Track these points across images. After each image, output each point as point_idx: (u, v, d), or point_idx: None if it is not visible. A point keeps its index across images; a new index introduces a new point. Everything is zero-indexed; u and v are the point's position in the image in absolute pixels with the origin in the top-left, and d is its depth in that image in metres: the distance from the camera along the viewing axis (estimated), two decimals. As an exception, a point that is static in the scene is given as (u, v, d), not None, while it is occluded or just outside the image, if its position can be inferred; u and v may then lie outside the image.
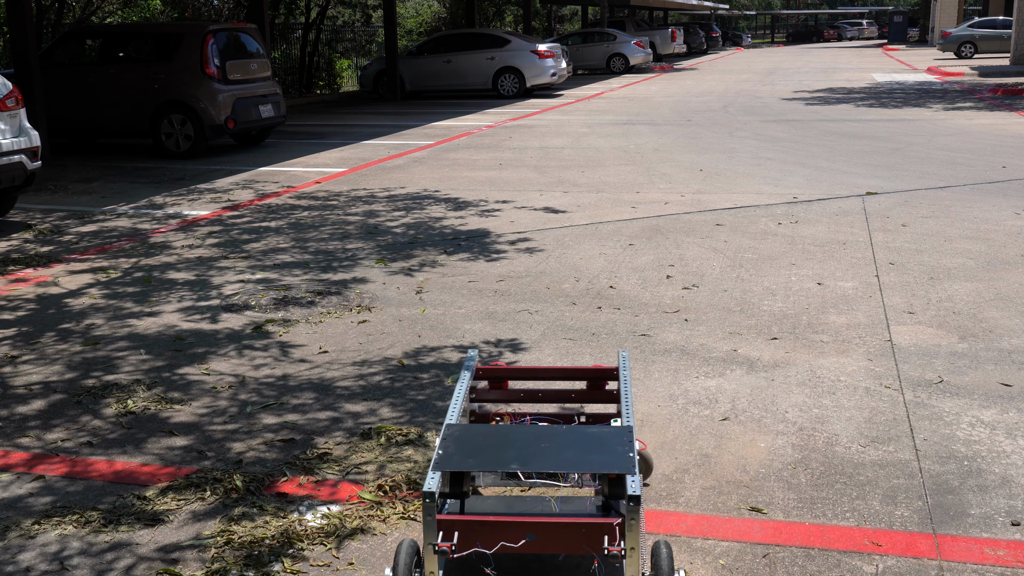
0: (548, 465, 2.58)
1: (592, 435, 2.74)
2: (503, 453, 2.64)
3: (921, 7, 57.53)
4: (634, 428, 2.83)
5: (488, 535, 2.49)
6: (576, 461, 2.60)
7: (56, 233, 7.86)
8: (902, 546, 2.94)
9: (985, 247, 6.61)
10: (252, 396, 4.25)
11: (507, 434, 2.76)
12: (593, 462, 2.59)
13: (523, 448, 2.67)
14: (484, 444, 2.70)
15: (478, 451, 2.66)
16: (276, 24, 24.94)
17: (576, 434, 2.75)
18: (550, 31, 44.26)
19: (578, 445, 2.68)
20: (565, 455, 2.63)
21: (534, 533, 2.49)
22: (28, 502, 3.34)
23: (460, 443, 2.70)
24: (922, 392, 4.13)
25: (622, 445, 2.68)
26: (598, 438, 2.73)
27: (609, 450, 2.65)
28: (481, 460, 2.61)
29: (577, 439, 2.72)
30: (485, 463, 2.60)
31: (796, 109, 17.08)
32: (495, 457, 2.63)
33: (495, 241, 7.16)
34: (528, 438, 2.73)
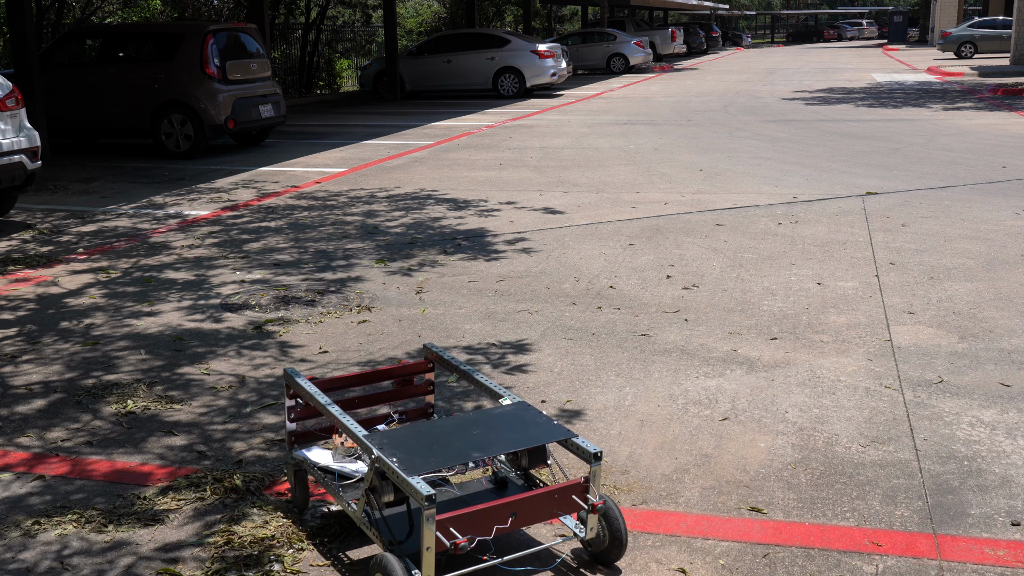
0: (501, 447, 2.71)
1: (506, 415, 2.90)
2: (452, 447, 2.71)
3: (921, 7, 57.53)
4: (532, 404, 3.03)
5: (481, 523, 2.59)
6: (521, 438, 2.76)
7: (56, 233, 7.86)
8: (902, 546, 2.94)
9: (985, 247, 6.61)
10: (252, 396, 4.25)
11: (432, 430, 2.82)
12: (535, 435, 2.77)
13: (465, 439, 2.75)
14: (424, 443, 2.74)
15: (426, 449, 2.70)
16: (276, 24, 24.94)
17: (492, 418, 2.88)
18: (550, 31, 44.26)
19: (505, 426, 2.83)
20: (506, 436, 2.77)
21: (516, 511, 2.62)
22: (29, 501, 3.34)
23: (402, 447, 2.71)
24: (922, 392, 4.13)
25: (538, 417, 2.87)
26: (513, 417, 2.88)
27: (533, 424, 2.83)
28: (442, 457, 2.65)
29: (499, 422, 2.86)
30: (448, 458, 2.65)
31: (796, 109, 17.08)
32: (450, 452, 2.68)
33: (495, 241, 7.16)
34: (458, 429, 2.82)
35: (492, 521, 2.59)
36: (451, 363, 3.36)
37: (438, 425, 2.86)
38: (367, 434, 2.79)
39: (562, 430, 2.80)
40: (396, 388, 3.41)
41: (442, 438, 2.77)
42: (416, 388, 3.44)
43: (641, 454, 3.60)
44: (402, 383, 3.42)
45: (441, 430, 2.82)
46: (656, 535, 3.04)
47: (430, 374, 3.45)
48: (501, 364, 4.56)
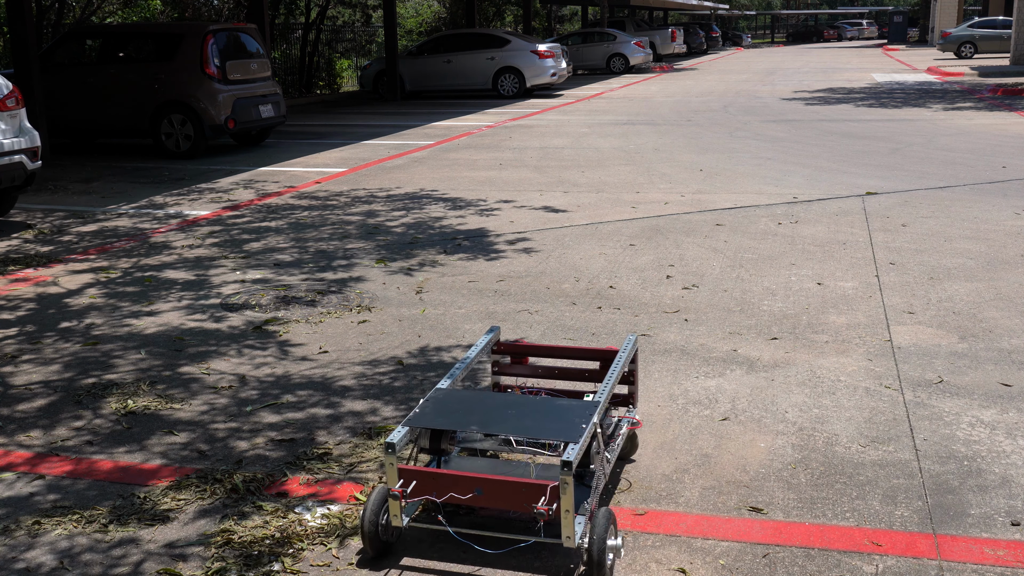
0: (503, 429, 2.81)
1: (558, 407, 2.96)
2: (469, 416, 2.88)
3: (921, 7, 57.53)
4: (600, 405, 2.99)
5: (442, 486, 2.76)
6: (532, 428, 2.82)
7: (56, 233, 7.86)
8: (902, 546, 2.94)
9: (985, 247, 6.61)
10: (252, 395, 4.25)
11: (483, 400, 3.01)
12: (547, 429, 2.81)
13: (490, 413, 2.91)
14: (458, 407, 2.95)
15: (449, 413, 2.91)
16: (276, 24, 24.95)
17: (545, 405, 2.97)
18: (550, 31, 44.27)
19: (541, 414, 2.90)
20: (524, 422, 2.85)
21: (482, 488, 2.73)
22: (31, 501, 3.34)
23: (438, 405, 2.98)
24: (922, 392, 4.13)
25: (580, 417, 2.87)
26: (563, 409, 2.94)
27: (567, 421, 2.85)
28: (446, 420, 2.87)
29: (543, 409, 2.94)
30: (449, 423, 2.85)
31: (796, 109, 17.09)
32: (460, 420, 2.87)
33: (495, 241, 7.16)
34: (499, 405, 2.97)
35: (452, 488, 2.75)
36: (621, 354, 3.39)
37: (493, 398, 3.04)
38: (439, 387, 3.13)
39: (571, 433, 2.79)
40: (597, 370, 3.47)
41: (479, 408, 2.95)
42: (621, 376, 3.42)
43: (641, 454, 3.60)
44: (604, 366, 3.48)
45: (488, 402, 2.99)
46: (656, 535, 3.04)
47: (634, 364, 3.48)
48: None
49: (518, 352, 3.57)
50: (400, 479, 2.79)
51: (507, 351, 3.57)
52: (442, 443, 3.04)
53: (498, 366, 3.60)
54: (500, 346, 3.58)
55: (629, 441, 3.49)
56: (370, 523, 2.84)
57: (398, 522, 2.82)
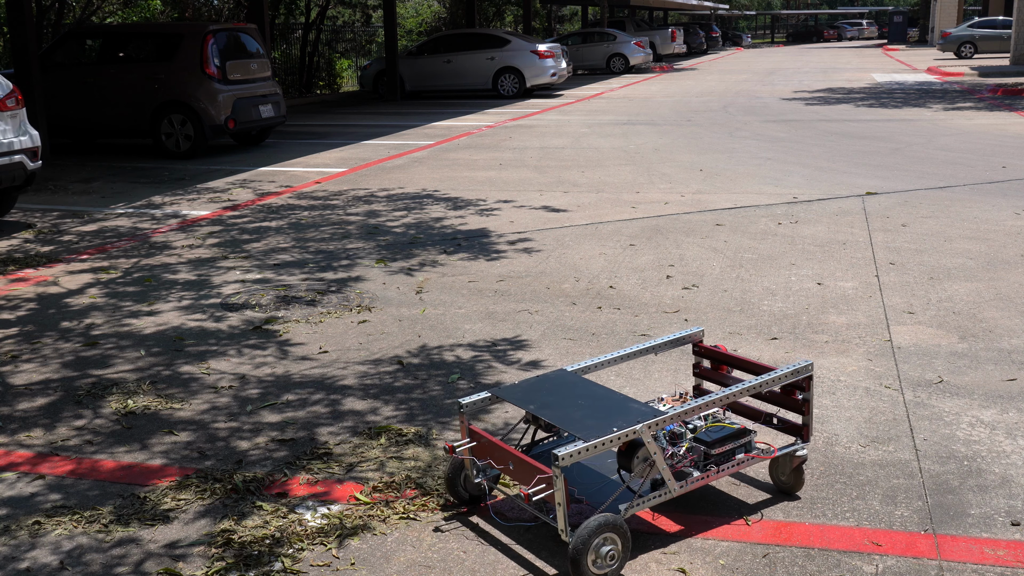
0: (552, 417, 2.95)
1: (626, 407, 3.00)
2: (544, 398, 3.08)
3: (921, 7, 57.52)
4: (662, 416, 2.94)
5: (487, 453, 3.04)
6: (574, 421, 2.92)
7: (56, 233, 7.86)
8: (902, 546, 2.94)
9: (985, 247, 6.61)
10: (253, 395, 4.25)
11: (574, 387, 3.15)
12: (589, 427, 2.88)
13: (563, 399, 3.07)
14: (549, 389, 3.16)
15: (535, 392, 3.13)
16: (276, 24, 24.95)
17: (618, 402, 3.04)
18: (550, 31, 44.26)
19: (603, 409, 2.99)
20: (576, 414, 2.96)
21: (512, 463, 2.92)
22: (32, 501, 3.34)
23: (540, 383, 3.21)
24: (922, 392, 4.13)
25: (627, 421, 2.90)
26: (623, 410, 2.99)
27: (608, 420, 2.91)
28: (518, 398, 3.09)
29: (612, 406, 3.01)
30: (524, 402, 3.06)
31: (796, 109, 17.09)
32: (532, 399, 3.08)
33: (495, 241, 7.16)
34: (579, 395, 3.09)
35: (491, 455, 3.02)
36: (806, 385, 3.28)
37: (579, 386, 3.16)
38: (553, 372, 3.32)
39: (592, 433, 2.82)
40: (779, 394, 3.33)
41: (556, 391, 3.13)
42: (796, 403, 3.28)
43: (641, 454, 3.59)
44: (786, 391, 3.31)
45: (569, 387, 3.16)
46: (656, 535, 3.04)
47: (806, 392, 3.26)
48: (502, 364, 4.57)
49: (715, 358, 3.55)
50: (466, 438, 3.13)
51: (705, 355, 3.59)
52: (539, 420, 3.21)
53: (699, 368, 3.63)
54: (700, 348, 3.59)
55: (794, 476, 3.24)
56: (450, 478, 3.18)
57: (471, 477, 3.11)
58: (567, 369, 3.32)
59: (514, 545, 3.00)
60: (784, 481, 3.25)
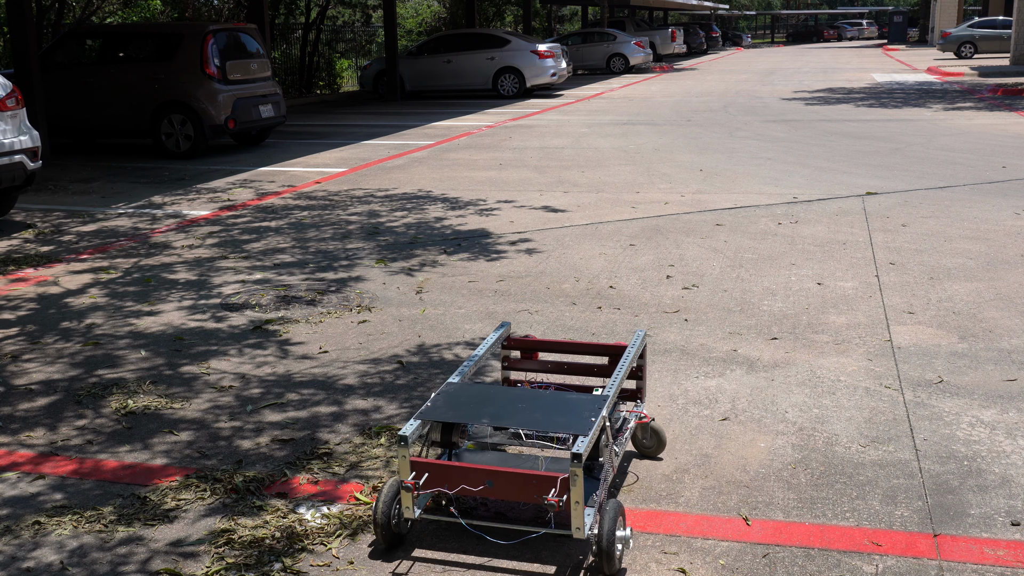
0: (513, 423, 2.84)
1: (568, 401, 3.00)
2: (481, 409, 2.93)
3: (921, 7, 57.52)
4: (609, 399, 3.03)
5: (453, 478, 2.80)
6: (541, 421, 2.86)
7: (56, 233, 7.87)
8: (902, 546, 2.94)
9: (985, 247, 6.62)
10: (253, 395, 4.26)
11: (494, 394, 3.03)
12: (556, 423, 2.84)
13: (501, 407, 2.95)
14: (469, 401, 2.99)
15: (461, 406, 2.95)
16: (276, 24, 24.94)
17: (554, 399, 3.01)
18: (550, 31, 44.26)
19: (550, 408, 2.94)
20: (534, 416, 2.89)
21: (492, 480, 2.76)
22: (35, 501, 3.34)
23: (450, 399, 3.01)
24: (922, 392, 4.14)
25: (590, 411, 2.91)
26: (572, 404, 2.98)
27: (576, 414, 2.89)
28: (457, 413, 2.91)
29: (552, 403, 2.98)
30: (460, 416, 2.89)
31: (796, 109, 17.09)
32: (471, 411, 2.92)
33: (495, 241, 7.16)
34: (510, 399, 3.00)
35: (463, 480, 2.79)
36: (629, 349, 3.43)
37: (503, 392, 3.07)
38: (451, 381, 3.15)
39: (580, 426, 2.82)
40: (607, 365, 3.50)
41: (490, 401, 2.99)
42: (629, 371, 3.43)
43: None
44: (612, 361, 3.50)
45: (501, 396, 3.03)
46: (656, 535, 3.04)
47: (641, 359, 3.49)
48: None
49: (528, 347, 3.61)
50: (412, 471, 2.83)
51: (517, 346, 3.61)
52: (452, 436, 3.09)
53: (508, 361, 3.65)
54: (510, 341, 3.62)
55: (656, 438, 3.49)
56: (383, 515, 2.88)
57: (410, 514, 2.86)
58: (453, 381, 3.19)
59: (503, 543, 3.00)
60: (647, 446, 3.51)
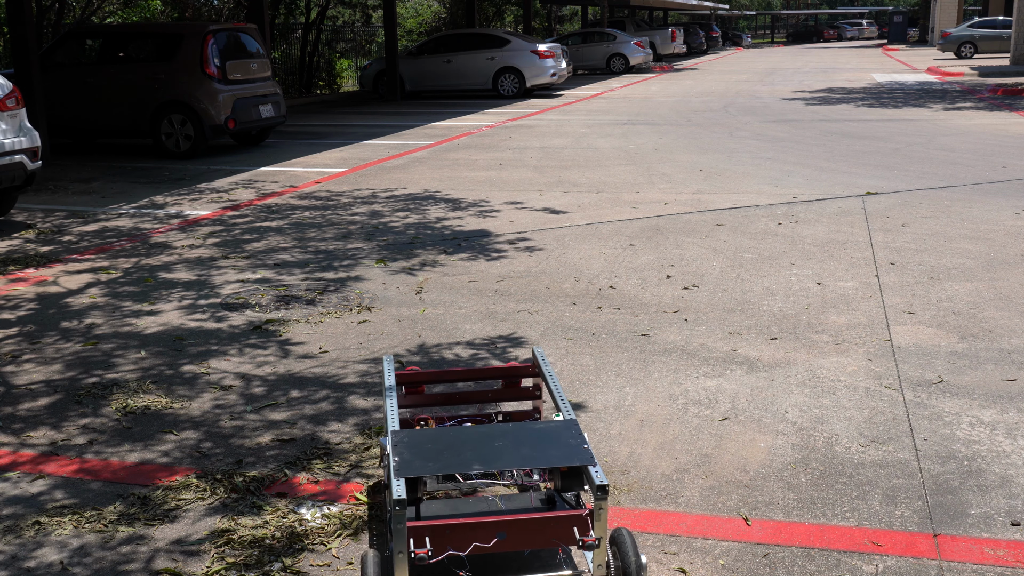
0: (509, 462, 2.63)
1: (541, 431, 2.81)
2: (461, 454, 2.67)
3: (921, 7, 57.51)
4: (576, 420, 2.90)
5: (460, 537, 2.52)
6: (536, 457, 2.66)
7: (56, 233, 7.87)
8: (902, 546, 2.94)
9: (985, 247, 6.62)
10: (253, 395, 4.26)
11: (457, 436, 2.78)
12: (552, 456, 2.66)
13: (480, 448, 2.70)
14: (439, 448, 2.71)
15: (434, 455, 2.67)
16: (276, 24, 24.94)
17: (525, 431, 2.81)
18: (550, 31, 44.26)
19: (531, 441, 2.75)
20: (523, 452, 2.69)
21: (505, 531, 2.53)
22: (36, 500, 3.34)
23: (414, 449, 2.70)
24: (922, 392, 4.14)
25: (573, 438, 2.75)
26: (548, 433, 2.79)
27: (563, 444, 2.72)
28: (441, 463, 2.62)
29: (528, 436, 2.78)
30: (447, 466, 2.61)
31: (796, 109, 17.09)
32: (454, 459, 2.65)
33: (495, 241, 7.16)
34: (480, 438, 2.77)
35: (472, 537, 2.51)
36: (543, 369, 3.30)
37: (467, 431, 2.81)
38: (394, 430, 2.81)
39: (582, 456, 2.65)
40: (502, 389, 3.40)
41: (462, 444, 2.72)
42: (522, 391, 3.38)
43: (641, 454, 3.60)
44: (508, 384, 3.39)
45: (467, 436, 2.77)
46: (656, 535, 3.04)
47: (537, 378, 3.37)
48: (502, 363, 4.56)
49: (415, 381, 3.35)
50: (410, 537, 2.49)
51: (403, 382, 3.34)
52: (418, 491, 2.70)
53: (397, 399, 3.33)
54: (397, 377, 3.33)
55: None
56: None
57: None
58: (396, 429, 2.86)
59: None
60: None
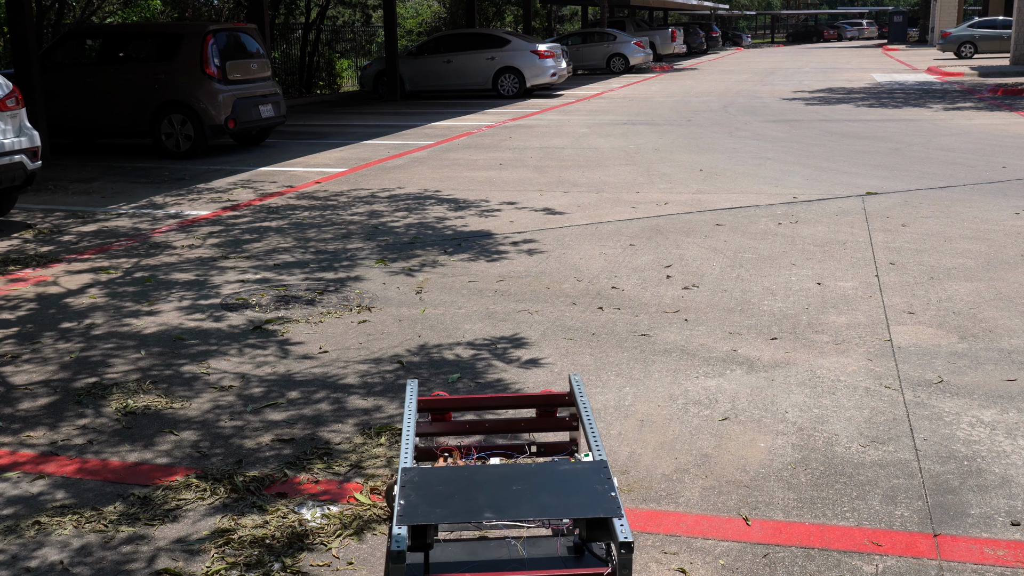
0: (526, 512, 2.34)
1: (566, 473, 2.49)
2: (473, 500, 2.39)
3: (921, 7, 57.51)
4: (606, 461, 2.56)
5: None
6: (555, 505, 2.35)
7: (56, 233, 7.87)
8: (902, 546, 2.94)
9: (985, 247, 6.62)
10: (253, 395, 4.26)
11: (473, 477, 2.50)
12: (574, 505, 2.35)
13: (494, 492, 2.41)
14: (450, 490, 2.44)
15: (445, 498, 2.40)
16: (276, 24, 24.94)
17: (548, 473, 2.50)
18: (550, 31, 44.26)
19: (553, 486, 2.44)
20: (542, 498, 2.39)
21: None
22: (36, 500, 3.34)
23: (422, 490, 2.43)
24: (922, 392, 4.14)
25: (601, 483, 2.44)
26: (573, 477, 2.48)
27: (588, 490, 2.42)
28: (451, 510, 2.35)
29: (551, 479, 2.47)
30: (456, 513, 2.34)
31: (796, 109, 17.09)
32: (465, 505, 2.37)
33: (495, 241, 7.16)
34: (497, 480, 2.47)
35: None
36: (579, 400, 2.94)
37: (485, 471, 2.53)
38: (405, 467, 2.55)
39: (607, 506, 2.35)
40: (536, 419, 3.07)
41: (476, 486, 2.44)
42: (558, 421, 3.04)
43: (641, 454, 3.60)
44: (542, 413, 3.08)
45: (483, 477, 2.49)
46: (656, 535, 3.04)
47: (573, 408, 3.01)
48: (502, 364, 4.57)
49: (442, 408, 3.07)
50: None
51: (428, 408, 3.05)
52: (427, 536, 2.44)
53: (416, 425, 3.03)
54: (422, 403, 3.04)
55: None
56: None
57: None
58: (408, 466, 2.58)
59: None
60: None
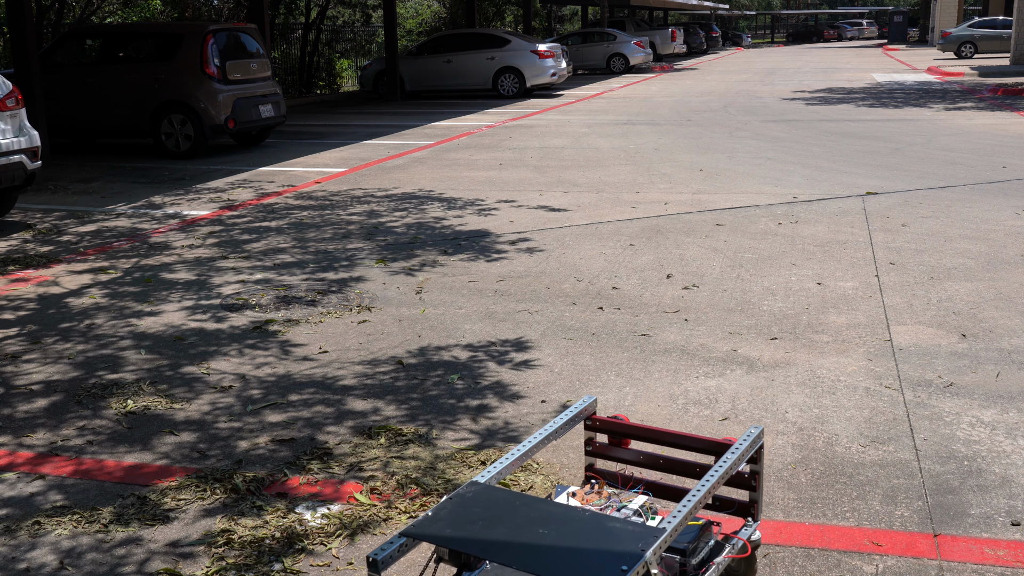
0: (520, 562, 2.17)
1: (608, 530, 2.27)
2: (490, 531, 2.27)
3: (921, 7, 57.52)
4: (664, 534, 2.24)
5: None
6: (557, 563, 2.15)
7: (56, 233, 7.87)
8: (902, 546, 2.94)
9: (985, 247, 6.62)
10: (253, 395, 4.26)
11: (516, 509, 2.36)
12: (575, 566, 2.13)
13: (516, 529, 2.27)
14: (484, 515, 2.33)
15: (468, 522, 2.29)
16: (276, 24, 24.94)
17: (591, 524, 2.30)
18: (550, 31, 44.26)
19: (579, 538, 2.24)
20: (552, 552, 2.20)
21: None
22: (33, 501, 3.34)
23: (461, 507, 2.35)
24: (922, 392, 4.13)
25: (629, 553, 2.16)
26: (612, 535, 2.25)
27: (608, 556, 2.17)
28: (459, 535, 2.24)
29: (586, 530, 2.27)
30: (458, 540, 2.22)
31: (796, 109, 17.08)
32: (477, 534, 2.25)
33: (495, 241, 7.16)
34: (532, 519, 2.32)
35: None
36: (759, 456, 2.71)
37: (531, 504, 2.39)
38: (474, 480, 2.49)
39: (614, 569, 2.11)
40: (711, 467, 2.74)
41: (508, 518, 2.32)
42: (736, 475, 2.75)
43: (641, 454, 3.60)
44: None
45: (523, 512, 2.35)
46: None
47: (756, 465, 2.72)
48: (502, 364, 4.57)
49: (617, 432, 2.92)
50: None
51: (603, 429, 2.93)
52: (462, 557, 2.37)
53: (592, 445, 3.00)
54: (595, 421, 2.94)
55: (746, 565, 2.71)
56: None
57: None
58: (479, 481, 2.50)
59: None
60: (735, 569, 2.69)
